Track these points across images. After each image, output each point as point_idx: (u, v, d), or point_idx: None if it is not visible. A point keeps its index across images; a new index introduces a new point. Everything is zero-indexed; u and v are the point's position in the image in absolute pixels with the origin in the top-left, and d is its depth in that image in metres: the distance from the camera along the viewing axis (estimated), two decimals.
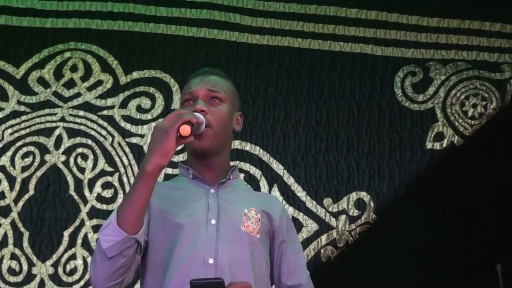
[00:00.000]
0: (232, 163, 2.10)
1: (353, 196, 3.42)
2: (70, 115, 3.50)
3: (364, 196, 3.42)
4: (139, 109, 3.53)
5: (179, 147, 1.99)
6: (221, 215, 1.90)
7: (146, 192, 1.75)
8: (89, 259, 3.30)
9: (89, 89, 3.55)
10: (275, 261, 1.99)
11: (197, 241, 1.85)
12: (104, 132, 3.48)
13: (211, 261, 1.83)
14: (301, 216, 3.36)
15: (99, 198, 3.39)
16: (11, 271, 3.28)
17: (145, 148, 3.46)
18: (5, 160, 3.43)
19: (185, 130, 1.73)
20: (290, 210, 3.36)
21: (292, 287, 1.99)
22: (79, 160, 3.44)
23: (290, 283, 1.99)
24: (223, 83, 2.03)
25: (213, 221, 1.88)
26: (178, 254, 1.83)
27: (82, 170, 3.43)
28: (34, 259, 3.30)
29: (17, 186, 3.39)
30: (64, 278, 3.29)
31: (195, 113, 1.86)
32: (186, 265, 1.82)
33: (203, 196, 1.94)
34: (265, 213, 1.97)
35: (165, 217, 1.89)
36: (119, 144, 3.47)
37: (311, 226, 3.35)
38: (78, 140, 3.47)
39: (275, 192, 3.38)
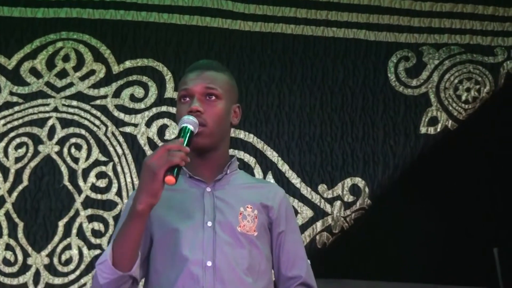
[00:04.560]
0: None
1: (348, 182, 3.41)
2: (63, 105, 3.49)
3: (359, 182, 3.41)
4: (133, 98, 3.52)
5: None
6: (217, 216, 1.90)
7: (138, 231, 1.78)
8: (84, 249, 3.30)
9: (82, 79, 3.54)
10: (274, 252, 1.98)
11: (195, 245, 1.85)
12: (97, 122, 3.48)
13: (209, 263, 1.83)
14: (296, 203, 3.35)
15: (94, 188, 3.39)
16: (6, 262, 3.28)
17: (139, 137, 3.45)
18: None
19: (170, 181, 1.73)
20: None
21: (292, 278, 1.98)
22: (72, 150, 3.43)
23: (290, 274, 1.98)
24: (220, 78, 1.98)
25: (209, 223, 1.89)
26: (177, 258, 1.85)
27: (76, 160, 3.42)
28: (29, 249, 3.30)
29: (11, 177, 3.38)
30: (60, 268, 3.28)
31: (192, 118, 1.84)
32: (186, 268, 1.83)
33: (199, 197, 1.94)
34: (263, 206, 1.96)
35: (163, 222, 1.90)
36: (113, 133, 3.46)
37: (306, 212, 3.35)
38: (71, 130, 3.46)
39: (270, 179, 3.38)
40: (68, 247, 3.31)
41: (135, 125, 3.48)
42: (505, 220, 3.85)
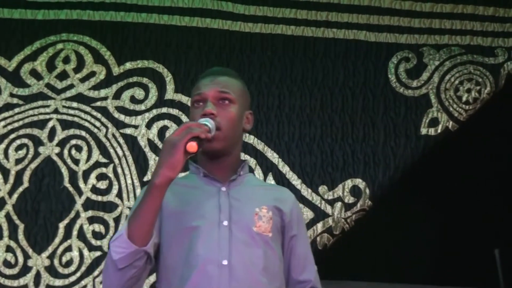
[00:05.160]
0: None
1: (348, 183, 3.41)
2: (64, 106, 3.49)
3: (360, 183, 3.41)
4: (133, 99, 3.52)
5: None
6: (232, 216, 1.91)
7: (155, 205, 1.78)
8: (85, 251, 3.30)
9: (82, 80, 3.54)
10: (285, 255, 2.00)
11: (211, 243, 1.86)
12: (98, 124, 3.48)
13: (225, 262, 1.84)
14: None
15: (94, 190, 3.39)
16: (7, 264, 3.28)
17: (139, 139, 3.46)
18: None
19: (192, 147, 1.75)
20: None
21: (302, 282, 2.00)
22: (73, 151, 3.43)
23: (300, 278, 2.00)
24: (233, 84, 2.01)
25: (225, 223, 1.90)
26: (192, 256, 1.85)
27: (76, 161, 3.42)
28: (30, 251, 3.30)
29: (11, 179, 3.38)
30: (60, 269, 3.28)
31: (206, 121, 1.86)
32: (201, 267, 1.83)
33: (215, 195, 1.95)
34: (276, 208, 1.98)
35: (178, 219, 1.90)
36: (113, 135, 3.46)
37: (306, 214, 3.35)
38: (72, 131, 3.46)
39: (270, 180, 3.38)
40: (68, 248, 3.31)
41: (136, 127, 3.48)
42: (506, 221, 3.85)
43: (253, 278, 1.85)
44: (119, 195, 3.38)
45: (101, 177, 3.41)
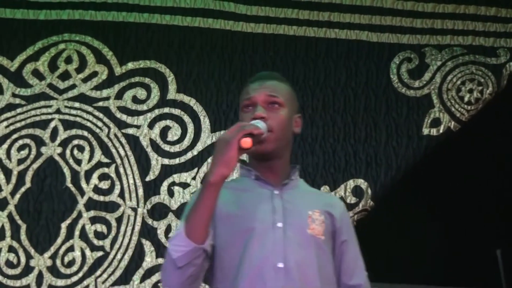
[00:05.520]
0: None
1: (351, 183, 3.41)
2: (66, 107, 3.50)
3: (362, 183, 3.41)
4: (135, 99, 3.52)
5: None
6: (287, 218, 1.92)
7: (211, 203, 1.80)
8: (87, 251, 3.30)
9: (84, 80, 3.54)
10: (336, 260, 2.01)
11: (266, 245, 1.87)
12: (100, 124, 3.48)
13: (280, 265, 1.85)
14: None
15: (96, 190, 3.39)
16: (9, 264, 3.29)
17: (141, 139, 3.46)
18: (1, 153, 3.42)
19: (246, 143, 1.78)
20: None
21: (352, 286, 2.01)
22: (75, 152, 3.44)
23: (351, 282, 2.01)
24: (281, 87, 2.03)
25: (280, 224, 1.91)
26: (248, 259, 1.86)
27: (78, 161, 3.43)
28: (32, 251, 3.30)
29: (14, 179, 3.38)
30: (62, 270, 3.29)
31: (257, 123, 1.88)
32: (257, 269, 1.85)
33: (268, 198, 1.96)
34: (328, 213, 1.99)
35: (232, 222, 1.92)
36: (115, 135, 3.46)
37: None
38: (74, 132, 3.46)
39: None
40: (70, 249, 3.31)
41: (138, 127, 3.48)
42: (508, 221, 3.85)
43: (308, 280, 1.86)
44: (121, 195, 3.38)
45: (103, 177, 3.41)
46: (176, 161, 3.43)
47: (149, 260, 3.30)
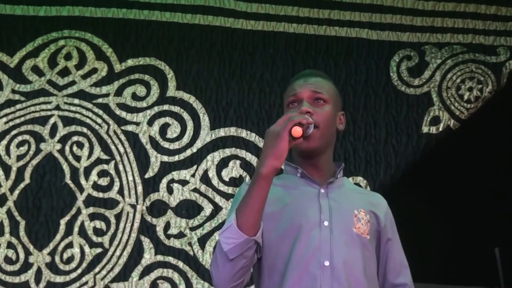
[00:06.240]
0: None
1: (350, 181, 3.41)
2: (65, 103, 3.49)
3: (361, 181, 3.41)
4: (134, 96, 3.52)
5: None
6: (333, 216, 1.93)
7: (262, 195, 1.80)
8: (86, 247, 3.30)
9: (84, 77, 3.54)
10: (381, 259, 2.01)
11: (313, 243, 1.88)
12: (99, 120, 3.47)
13: (327, 263, 1.85)
14: None
15: (95, 186, 3.39)
16: (8, 260, 3.28)
17: (141, 135, 3.45)
18: (0, 149, 3.42)
19: (297, 131, 1.78)
20: None
21: (398, 285, 2.02)
22: (74, 148, 3.43)
23: (397, 281, 2.02)
24: (325, 84, 2.05)
25: (326, 223, 1.91)
26: (295, 256, 1.86)
27: (77, 158, 3.42)
28: (31, 247, 3.30)
29: (13, 175, 3.38)
30: (61, 266, 3.29)
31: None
32: (303, 266, 1.85)
33: (314, 196, 1.97)
34: (373, 213, 2.00)
35: (279, 219, 1.92)
36: (115, 132, 3.46)
37: None
38: (73, 128, 3.46)
39: None
40: (69, 245, 3.31)
41: (137, 124, 3.48)
42: (507, 220, 3.85)
43: (354, 279, 1.86)
44: (121, 192, 3.38)
45: (102, 174, 3.41)
46: (176, 158, 3.43)
47: (148, 257, 3.30)
